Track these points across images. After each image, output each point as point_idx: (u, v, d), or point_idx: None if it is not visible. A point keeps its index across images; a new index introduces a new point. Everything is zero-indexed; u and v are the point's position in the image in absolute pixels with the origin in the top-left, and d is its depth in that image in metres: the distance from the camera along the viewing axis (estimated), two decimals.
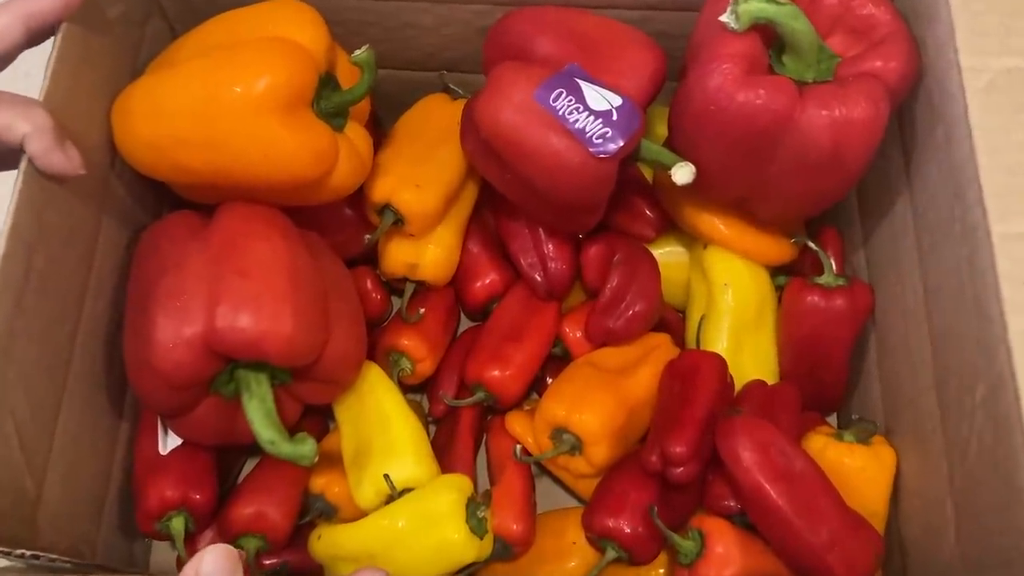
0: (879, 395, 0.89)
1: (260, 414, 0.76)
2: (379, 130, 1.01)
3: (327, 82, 0.80)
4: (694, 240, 0.97)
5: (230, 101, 0.74)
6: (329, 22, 0.82)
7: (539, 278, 0.95)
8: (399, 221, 0.91)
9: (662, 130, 0.97)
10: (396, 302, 1.04)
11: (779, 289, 0.96)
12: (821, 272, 0.93)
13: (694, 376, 0.85)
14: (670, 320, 0.98)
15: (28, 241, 0.69)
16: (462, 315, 1.04)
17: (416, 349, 0.92)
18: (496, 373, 0.90)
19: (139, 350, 0.76)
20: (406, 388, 0.97)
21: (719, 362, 0.86)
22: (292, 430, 0.85)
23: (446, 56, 0.99)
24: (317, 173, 0.78)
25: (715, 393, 0.83)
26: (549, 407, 0.85)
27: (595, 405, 0.84)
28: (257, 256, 0.77)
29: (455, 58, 0.99)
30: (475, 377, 0.91)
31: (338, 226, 0.94)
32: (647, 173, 1.02)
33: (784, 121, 0.76)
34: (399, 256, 0.94)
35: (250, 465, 0.96)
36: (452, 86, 1.00)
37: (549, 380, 0.97)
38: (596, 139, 0.78)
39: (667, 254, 1.00)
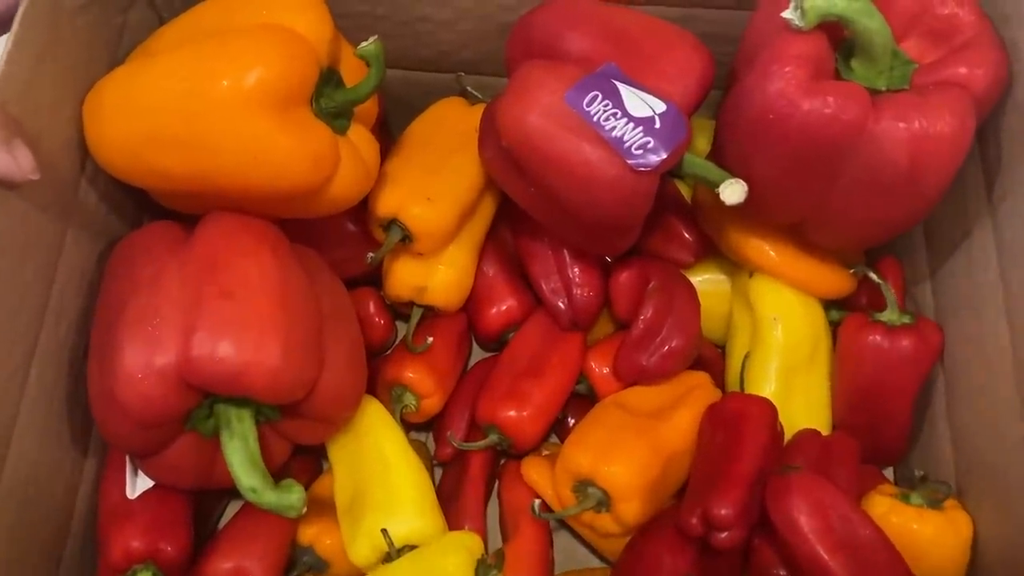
0: (949, 451, 0.78)
1: (241, 457, 0.66)
2: (388, 137, 0.91)
3: (329, 78, 0.70)
4: (738, 267, 0.87)
5: (216, 96, 0.64)
6: (334, 15, 0.73)
7: (562, 306, 0.84)
8: (407, 238, 0.81)
9: (702, 144, 0.87)
10: (401, 327, 0.94)
11: (832, 325, 0.85)
12: (881, 307, 0.82)
13: (740, 424, 0.74)
14: (709, 357, 0.87)
15: None
16: (474, 344, 0.94)
17: (422, 383, 0.82)
18: (512, 413, 0.80)
19: (103, 380, 0.67)
20: (410, 426, 0.87)
21: (768, 409, 0.76)
22: (279, 472, 0.76)
23: (464, 56, 0.89)
24: (314, 181, 0.68)
25: (764, 445, 0.73)
26: (573, 456, 0.75)
27: (626, 455, 0.73)
28: (242, 275, 0.67)
29: (474, 58, 0.89)
30: (488, 417, 0.80)
31: (338, 242, 0.84)
32: (684, 190, 0.92)
33: (855, 134, 0.66)
34: (406, 278, 0.84)
35: (233, 508, 0.85)
36: (470, 89, 0.90)
37: (572, 422, 0.86)
38: (635, 150, 0.68)
39: (706, 282, 0.89)
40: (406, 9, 0.83)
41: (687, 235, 0.88)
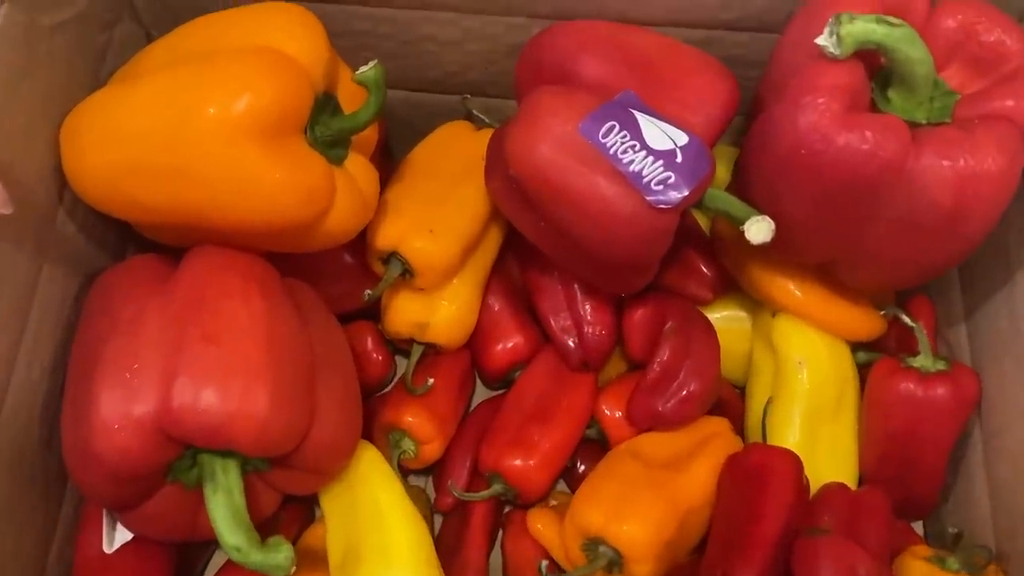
0: (987, 509, 0.72)
1: (226, 512, 0.61)
2: (390, 161, 0.86)
3: (325, 104, 0.65)
4: (760, 304, 0.81)
5: (201, 124, 0.59)
6: (333, 33, 0.68)
7: (573, 345, 0.79)
8: (407, 272, 0.76)
9: (722, 172, 0.82)
10: (401, 362, 0.89)
11: (859, 367, 0.80)
12: (913, 350, 0.77)
13: (763, 480, 0.69)
14: (728, 400, 0.82)
15: None
16: (477, 380, 0.88)
17: (422, 428, 0.77)
18: (517, 462, 0.74)
19: (77, 429, 0.62)
20: (408, 470, 0.81)
21: (793, 463, 0.70)
22: (268, 521, 0.71)
23: (470, 77, 0.84)
24: (308, 215, 0.63)
25: (789, 504, 0.68)
26: (583, 512, 0.69)
27: (640, 512, 0.68)
28: (228, 318, 0.62)
29: (481, 79, 0.84)
30: (492, 465, 0.75)
31: (334, 275, 0.79)
32: (701, 220, 0.87)
33: (894, 172, 0.61)
34: (406, 314, 0.79)
35: (219, 558, 0.80)
36: (476, 113, 0.85)
37: (582, 468, 0.81)
38: (655, 185, 0.63)
39: (725, 319, 0.84)
40: (410, 28, 0.78)
41: (705, 270, 0.82)
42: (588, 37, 0.71)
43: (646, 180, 0.63)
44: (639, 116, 0.65)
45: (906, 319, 0.75)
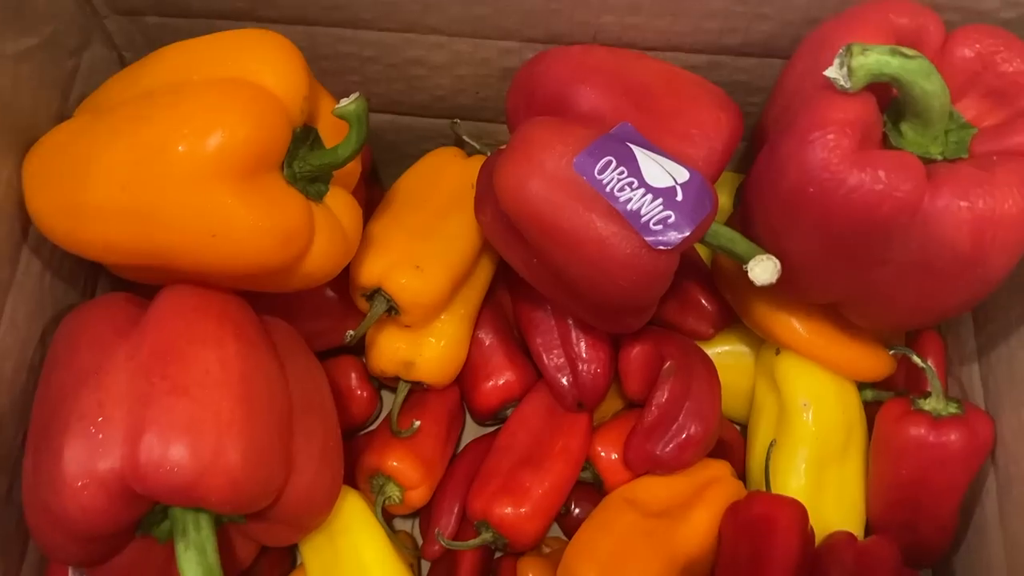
0: (1002, 561, 0.69)
1: (198, 570, 0.57)
2: (377, 187, 0.83)
3: (304, 137, 0.61)
4: (763, 340, 0.78)
5: (169, 163, 0.55)
6: (318, 56, 0.65)
7: (567, 383, 0.76)
8: (393, 309, 0.72)
9: (723, 199, 0.78)
10: (387, 396, 0.85)
11: (865, 404, 0.77)
12: (921, 388, 0.74)
13: (767, 533, 0.66)
14: (729, 440, 0.78)
15: None
16: (467, 415, 0.85)
17: (407, 474, 0.73)
18: (508, 511, 0.71)
19: (39, 486, 0.58)
20: (394, 514, 0.78)
21: (799, 514, 0.67)
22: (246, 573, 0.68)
23: (460, 101, 0.80)
24: (285, 259, 0.59)
25: (795, 558, 0.64)
26: (577, 568, 0.66)
27: (637, 569, 0.64)
28: (200, 368, 0.58)
29: (471, 103, 0.80)
30: (481, 513, 0.71)
31: (315, 311, 0.75)
32: (701, 250, 0.83)
33: (909, 212, 0.58)
34: (392, 352, 0.75)
35: None
36: (467, 139, 0.81)
37: (576, 510, 0.77)
38: (654, 225, 0.59)
39: (726, 354, 0.81)
40: (397, 51, 0.74)
41: (706, 304, 0.79)
42: (583, 64, 0.67)
43: (644, 219, 0.59)
44: (637, 151, 0.61)
45: (918, 360, 0.71)
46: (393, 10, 0.70)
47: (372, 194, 0.79)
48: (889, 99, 0.62)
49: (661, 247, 0.59)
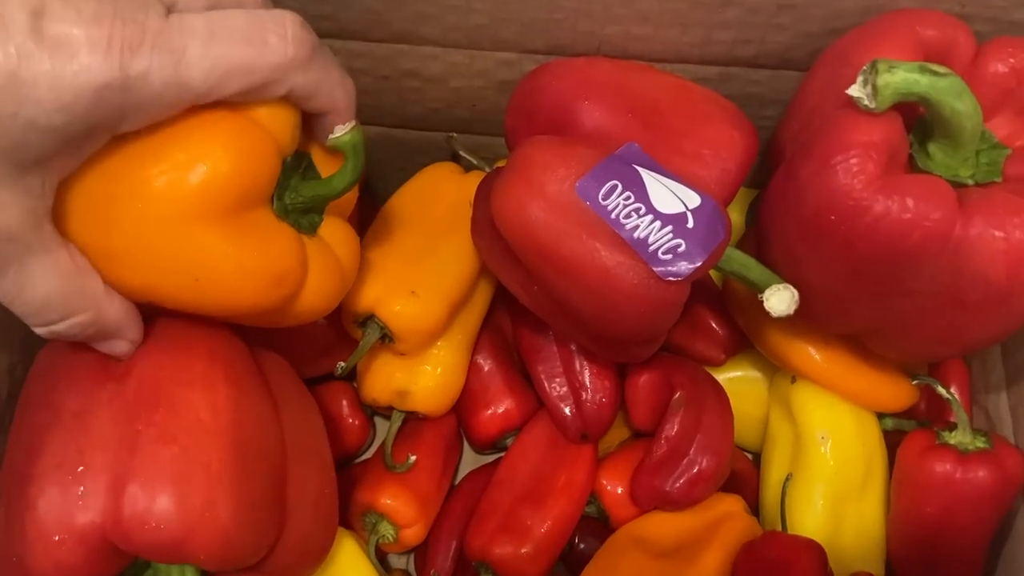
0: None
1: None
2: (370, 202, 0.78)
3: (295, 166, 0.57)
4: (777, 367, 0.74)
5: (145, 202, 0.50)
6: None
7: (570, 414, 0.72)
8: (387, 337, 0.68)
9: (734, 216, 0.74)
10: (379, 423, 0.81)
11: (885, 433, 0.73)
12: (943, 417, 0.70)
13: None
14: (741, 472, 0.74)
15: None
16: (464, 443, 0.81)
17: (402, 511, 0.69)
18: (509, 551, 0.67)
19: (11, 539, 0.53)
20: (386, 553, 0.74)
21: (817, 557, 0.63)
22: None
23: (456, 114, 0.76)
24: (275, 300, 0.55)
25: None
26: None
27: None
28: (188, 414, 0.54)
29: (468, 116, 0.76)
30: (480, 553, 0.67)
31: (303, 339, 0.71)
32: (712, 271, 0.79)
33: (939, 242, 0.53)
34: (386, 381, 0.71)
35: None
36: (463, 154, 0.77)
37: (580, 545, 0.73)
38: (663, 254, 0.55)
39: (738, 380, 0.77)
40: (389, 63, 0.70)
41: (716, 328, 0.75)
42: (587, 78, 0.63)
43: (652, 248, 0.55)
44: (644, 174, 0.57)
45: (943, 392, 0.67)
46: (384, 20, 0.66)
47: (364, 210, 0.75)
48: (915, 117, 0.58)
49: (671, 278, 0.55)
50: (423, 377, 0.71)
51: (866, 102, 0.53)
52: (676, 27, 0.64)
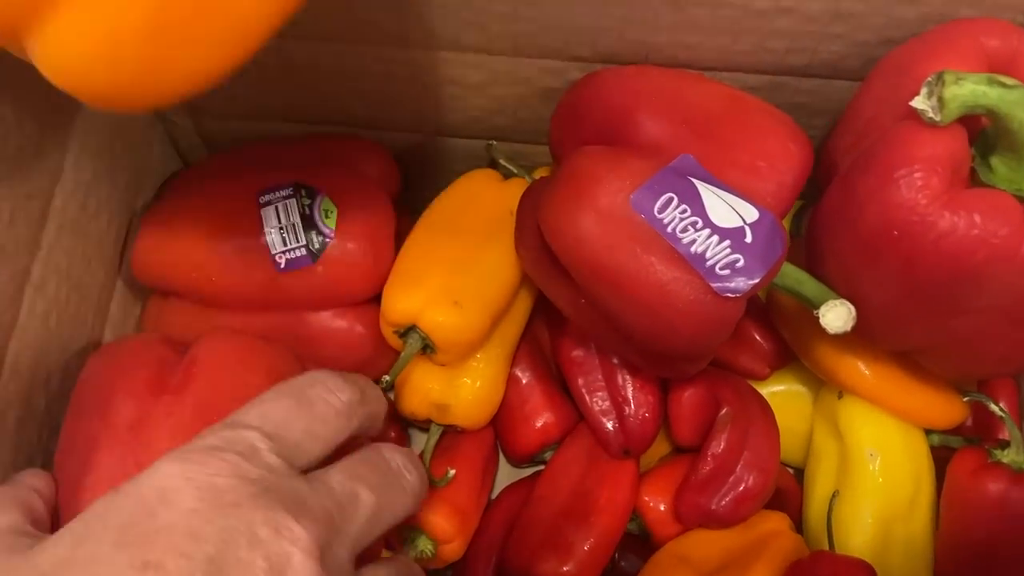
0: None
1: None
2: (409, 206, 0.76)
3: None
4: (821, 381, 0.72)
5: None
6: (352, 75, 0.58)
7: (612, 429, 0.70)
8: (428, 347, 0.67)
9: None
10: (415, 435, 0.80)
11: (932, 450, 0.71)
12: (991, 433, 0.68)
13: None
14: (785, 489, 0.73)
15: None
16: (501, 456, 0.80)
17: (441, 527, 0.67)
18: (551, 567, 0.66)
19: None
20: (426, 568, 0.72)
21: None
22: None
23: (497, 122, 0.75)
24: None
25: None
26: None
27: None
28: None
29: (509, 124, 0.75)
30: (522, 571, 0.66)
31: (342, 349, 0.69)
32: None
33: (1005, 260, 0.52)
34: (424, 394, 0.70)
35: None
36: (504, 161, 0.75)
37: (622, 562, 0.72)
38: (720, 269, 0.54)
39: (782, 395, 0.75)
40: (433, 70, 0.69)
41: (761, 341, 0.73)
42: (638, 88, 0.62)
43: (710, 263, 0.54)
44: (700, 186, 0.56)
45: (996, 409, 0.65)
46: (427, 27, 0.65)
47: (402, 222, 0.73)
48: (978, 130, 0.57)
49: (728, 294, 0.54)
50: (462, 390, 0.69)
51: (931, 114, 0.52)
52: (728, 35, 0.63)
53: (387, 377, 0.64)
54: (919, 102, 0.53)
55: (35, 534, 0.46)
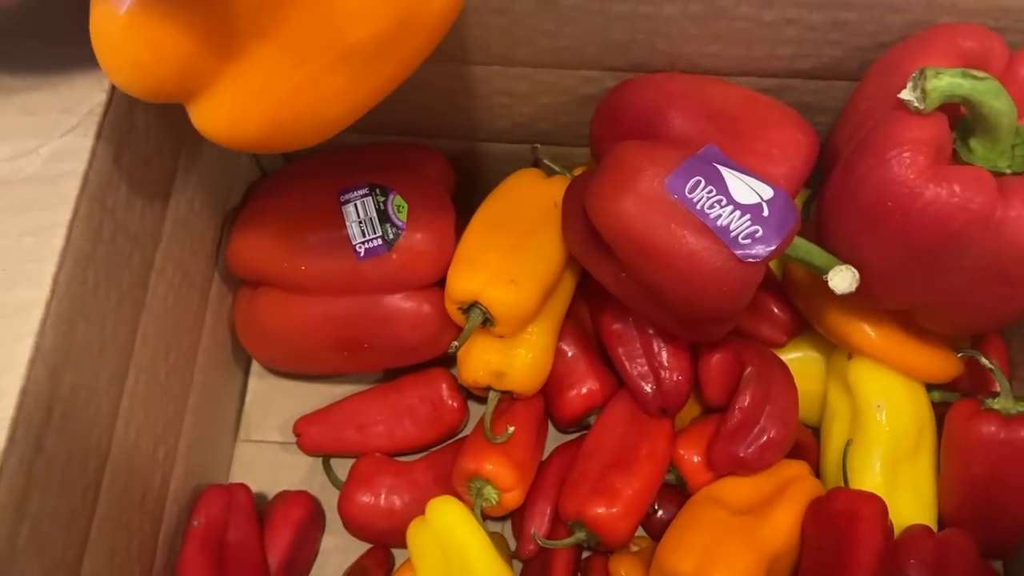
0: None
1: None
2: (464, 204, 0.87)
3: None
4: (834, 346, 0.82)
5: None
6: (410, 87, 0.68)
7: (650, 391, 0.80)
8: (488, 321, 0.77)
9: None
10: (473, 408, 0.90)
11: (934, 405, 0.80)
12: (985, 389, 0.77)
13: (850, 526, 0.69)
14: (804, 443, 0.82)
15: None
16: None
17: (504, 476, 0.77)
18: (601, 510, 0.75)
19: None
20: (486, 517, 0.82)
21: (880, 508, 0.71)
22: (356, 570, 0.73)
23: (539, 127, 0.85)
24: None
25: (879, 551, 0.68)
26: (671, 562, 0.70)
27: (729, 561, 0.69)
28: None
29: (551, 129, 0.85)
30: (575, 514, 0.76)
31: (412, 327, 0.79)
32: (771, 263, 0.87)
33: (982, 223, 0.62)
34: (485, 364, 0.79)
35: None
36: (548, 162, 0.85)
37: (660, 513, 0.81)
38: (743, 239, 0.64)
39: (799, 360, 0.84)
40: (486, 82, 0.80)
41: (779, 313, 0.83)
42: (669, 91, 0.72)
43: (734, 234, 0.64)
44: (723, 170, 0.66)
45: (986, 362, 0.75)
46: (484, 46, 0.75)
47: (460, 213, 0.84)
48: (958, 117, 0.67)
49: (750, 259, 0.64)
50: (518, 359, 0.79)
51: (916, 104, 0.62)
52: (743, 45, 0.73)
53: (456, 343, 0.74)
54: (906, 94, 0.63)
55: None
